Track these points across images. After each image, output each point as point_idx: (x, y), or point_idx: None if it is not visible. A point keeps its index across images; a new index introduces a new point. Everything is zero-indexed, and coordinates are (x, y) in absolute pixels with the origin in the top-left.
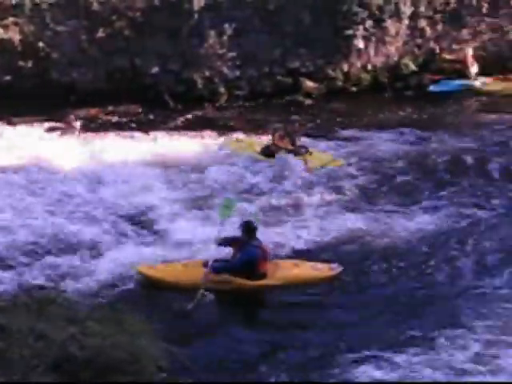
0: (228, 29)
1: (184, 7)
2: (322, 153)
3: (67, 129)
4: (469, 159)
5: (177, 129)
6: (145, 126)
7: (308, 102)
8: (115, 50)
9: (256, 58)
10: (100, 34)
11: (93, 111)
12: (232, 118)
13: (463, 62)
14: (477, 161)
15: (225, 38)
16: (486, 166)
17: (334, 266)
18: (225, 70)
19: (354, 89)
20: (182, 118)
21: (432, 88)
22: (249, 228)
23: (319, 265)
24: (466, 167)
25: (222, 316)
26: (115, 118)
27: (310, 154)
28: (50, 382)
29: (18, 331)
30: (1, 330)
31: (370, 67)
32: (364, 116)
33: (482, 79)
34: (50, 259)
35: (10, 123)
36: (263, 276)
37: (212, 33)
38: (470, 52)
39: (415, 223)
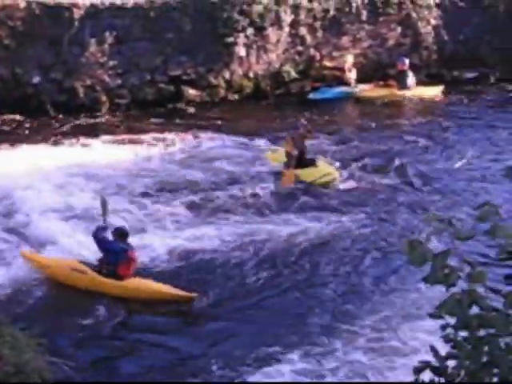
0: (109, 37)
1: (64, 16)
2: (327, 167)
3: None
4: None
5: (59, 137)
6: (26, 136)
7: (191, 110)
8: None
9: (138, 65)
10: None
11: None
12: (114, 126)
13: (342, 70)
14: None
15: (106, 46)
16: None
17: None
18: (106, 78)
19: (236, 96)
20: (64, 127)
21: (311, 96)
22: (121, 234)
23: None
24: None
25: (107, 324)
26: None
27: (316, 166)
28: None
29: None
30: None
31: (251, 75)
32: (245, 124)
33: (362, 86)
34: None
35: None
36: (120, 278)
37: (93, 41)
38: (349, 59)
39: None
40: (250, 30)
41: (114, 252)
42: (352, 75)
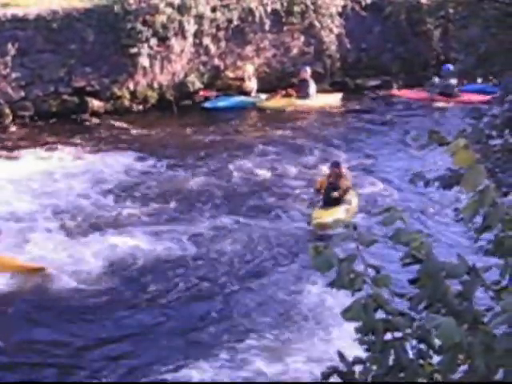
0: (11, 49)
1: None
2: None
3: None
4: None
5: None
6: None
7: (95, 121)
8: None
9: (41, 77)
10: None
11: None
12: (18, 139)
13: (243, 79)
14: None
15: (8, 57)
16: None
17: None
18: (9, 90)
19: (140, 107)
20: None
21: (207, 104)
22: None
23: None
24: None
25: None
26: None
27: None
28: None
29: None
30: None
31: (156, 85)
32: (149, 135)
33: (262, 95)
34: None
35: None
36: None
37: None
38: (248, 68)
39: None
40: (153, 41)
41: None
42: (252, 84)
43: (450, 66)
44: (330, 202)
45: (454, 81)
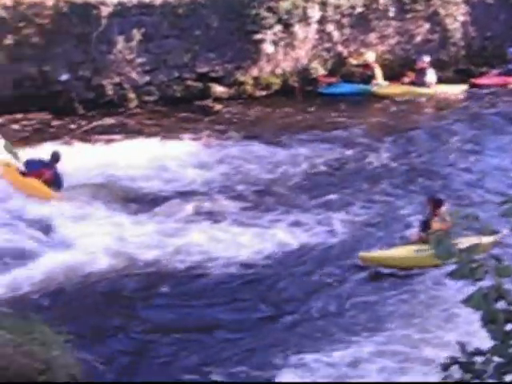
0: (137, 34)
1: (92, 13)
2: None
3: None
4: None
5: (86, 135)
6: (53, 134)
7: (218, 107)
8: (23, 57)
9: (166, 63)
10: (8, 40)
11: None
12: (142, 124)
13: (367, 66)
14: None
15: (134, 43)
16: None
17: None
18: (134, 75)
19: (263, 93)
20: (91, 125)
21: (323, 90)
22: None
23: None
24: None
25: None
26: (23, 126)
27: None
28: (49, 382)
29: None
30: None
31: (279, 71)
32: (274, 121)
33: (384, 83)
34: None
35: None
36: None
37: (121, 38)
38: (370, 56)
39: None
40: (277, 27)
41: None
42: (377, 73)
43: None
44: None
45: None
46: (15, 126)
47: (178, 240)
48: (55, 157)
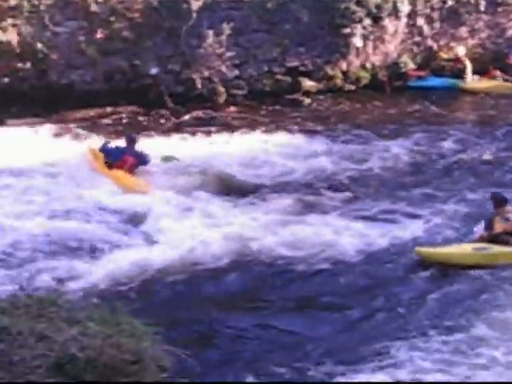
0: (226, 28)
1: (182, 7)
2: None
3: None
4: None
5: (176, 128)
6: (144, 127)
7: (307, 101)
8: (114, 50)
9: (255, 57)
10: (99, 34)
11: (91, 112)
12: (231, 118)
13: (457, 60)
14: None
15: (223, 37)
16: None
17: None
18: (224, 69)
19: (352, 87)
20: (181, 118)
21: (412, 83)
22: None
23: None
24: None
25: (226, 313)
26: (113, 120)
27: None
28: (51, 382)
29: (19, 332)
30: (1, 332)
31: (368, 65)
32: (364, 114)
33: (473, 77)
34: (50, 260)
35: (6, 125)
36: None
37: (210, 32)
38: (460, 50)
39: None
40: (367, 21)
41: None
42: (467, 67)
43: None
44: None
45: None
46: (106, 120)
47: (280, 232)
48: (131, 139)
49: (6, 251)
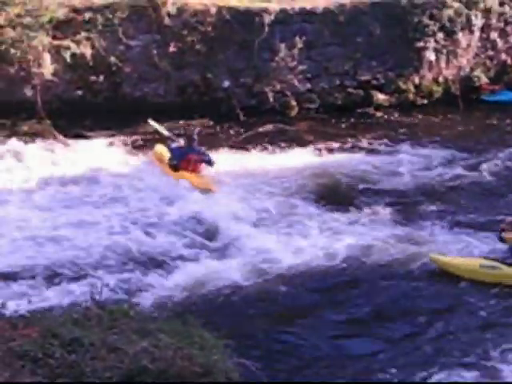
0: (299, 42)
1: (255, 21)
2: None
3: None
4: None
5: (247, 142)
6: (216, 140)
7: (379, 114)
8: (187, 64)
9: (327, 70)
10: (172, 48)
11: (164, 125)
12: (303, 131)
13: None
14: None
15: (295, 50)
16: None
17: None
18: (296, 82)
19: (425, 101)
20: (252, 131)
21: (485, 97)
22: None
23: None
24: None
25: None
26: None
27: None
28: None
29: (91, 344)
30: (73, 343)
31: (441, 79)
32: (437, 128)
33: None
34: (122, 272)
35: (81, 137)
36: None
37: (283, 46)
38: None
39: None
40: (440, 35)
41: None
42: None
43: None
44: None
45: None
46: (179, 132)
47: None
48: (190, 138)
49: (78, 262)
